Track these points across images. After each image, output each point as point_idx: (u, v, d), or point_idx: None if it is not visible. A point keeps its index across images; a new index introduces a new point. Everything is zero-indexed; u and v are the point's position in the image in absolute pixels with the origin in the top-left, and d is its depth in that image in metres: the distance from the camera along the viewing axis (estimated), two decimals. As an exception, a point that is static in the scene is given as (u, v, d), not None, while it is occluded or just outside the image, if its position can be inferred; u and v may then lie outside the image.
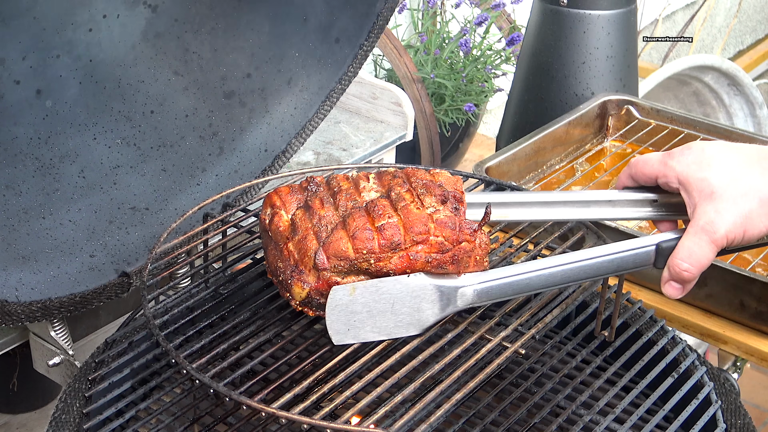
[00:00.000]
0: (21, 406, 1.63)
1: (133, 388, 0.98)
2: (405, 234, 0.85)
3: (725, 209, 0.82)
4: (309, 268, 0.86)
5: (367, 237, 0.84)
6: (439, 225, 0.86)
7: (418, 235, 0.85)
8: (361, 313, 0.85)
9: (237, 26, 1.26)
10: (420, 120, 1.89)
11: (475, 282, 0.87)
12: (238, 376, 0.85)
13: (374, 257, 0.85)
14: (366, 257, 0.85)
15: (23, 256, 1.08)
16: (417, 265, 0.85)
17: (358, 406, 0.79)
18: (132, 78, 1.22)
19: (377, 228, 0.85)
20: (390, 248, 0.85)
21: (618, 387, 0.96)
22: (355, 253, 0.84)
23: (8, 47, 1.06)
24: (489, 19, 2.07)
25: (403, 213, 0.86)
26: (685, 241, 0.84)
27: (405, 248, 0.85)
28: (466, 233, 0.86)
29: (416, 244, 0.85)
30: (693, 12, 3.27)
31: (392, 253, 0.85)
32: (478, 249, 0.87)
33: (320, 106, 1.31)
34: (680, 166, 0.86)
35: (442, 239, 0.85)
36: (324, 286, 0.86)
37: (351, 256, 0.85)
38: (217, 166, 1.28)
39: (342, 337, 0.86)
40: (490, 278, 0.87)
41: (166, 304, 0.98)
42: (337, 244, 0.85)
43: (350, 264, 0.85)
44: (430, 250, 0.85)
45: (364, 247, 0.84)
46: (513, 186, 1.16)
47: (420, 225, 0.85)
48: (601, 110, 1.62)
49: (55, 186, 1.15)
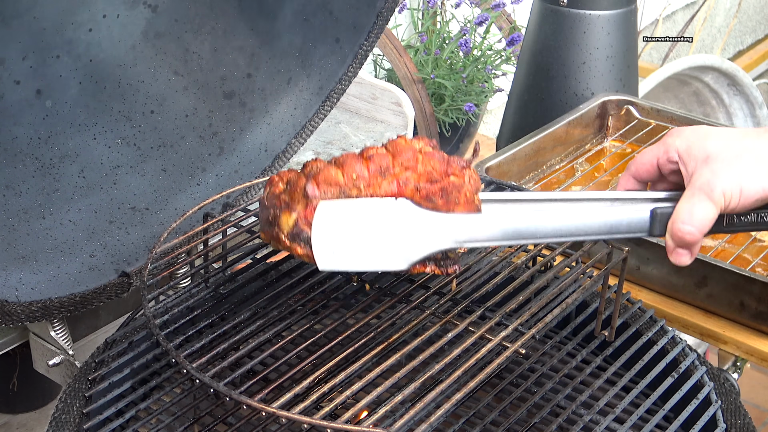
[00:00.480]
0: (21, 406, 1.63)
1: (133, 388, 0.98)
2: (393, 161, 0.85)
3: (720, 169, 0.82)
4: (298, 199, 0.86)
5: (356, 164, 0.85)
6: (427, 156, 0.86)
7: (407, 161, 0.85)
8: (347, 236, 0.84)
9: (237, 26, 1.26)
10: (420, 120, 1.89)
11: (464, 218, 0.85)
12: (238, 375, 0.85)
13: (364, 182, 0.85)
14: (356, 183, 0.85)
15: (23, 256, 1.08)
16: (406, 192, 0.85)
17: (358, 406, 0.79)
18: (132, 78, 1.22)
19: (366, 158, 0.86)
20: (379, 173, 0.85)
21: (618, 387, 0.96)
22: (344, 179, 0.84)
23: (8, 47, 1.06)
24: (489, 19, 2.07)
25: (391, 146, 0.87)
26: (683, 203, 0.83)
27: (394, 174, 0.85)
28: (455, 167, 0.86)
29: (405, 170, 0.85)
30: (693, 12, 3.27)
31: (382, 178, 0.85)
32: (468, 185, 0.87)
33: (320, 106, 1.31)
34: (679, 140, 0.87)
35: (431, 168, 0.86)
36: (312, 213, 0.85)
37: (341, 182, 0.84)
38: (217, 166, 1.28)
39: (327, 262, 0.84)
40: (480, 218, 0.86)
41: (166, 304, 0.99)
42: (327, 171, 0.85)
43: (340, 190, 0.85)
44: (419, 178, 0.85)
45: (353, 172, 0.85)
46: (513, 186, 1.16)
47: (408, 153, 0.86)
48: (601, 110, 1.62)
49: (55, 186, 1.15)
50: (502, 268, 1.08)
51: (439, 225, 0.85)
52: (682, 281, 1.23)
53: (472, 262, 1.03)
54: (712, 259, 1.21)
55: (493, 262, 1.05)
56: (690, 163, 0.85)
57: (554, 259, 1.05)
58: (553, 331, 1.09)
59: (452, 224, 0.85)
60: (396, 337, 0.91)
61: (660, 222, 0.85)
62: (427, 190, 0.85)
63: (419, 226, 0.84)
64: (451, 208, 0.86)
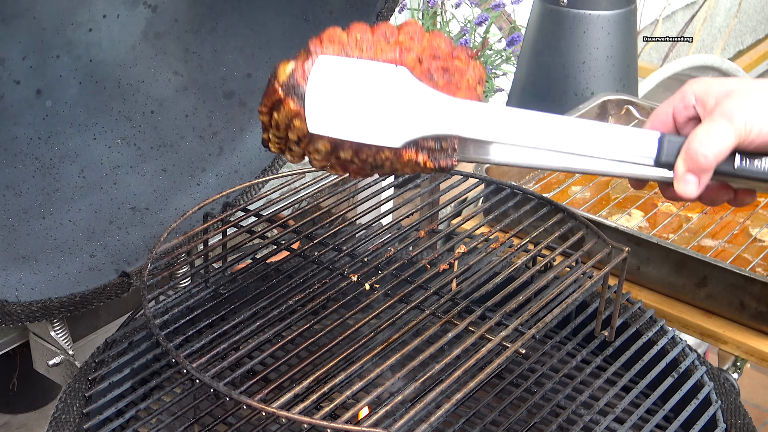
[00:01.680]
0: (21, 406, 1.63)
1: (133, 388, 0.98)
2: (399, 31, 0.84)
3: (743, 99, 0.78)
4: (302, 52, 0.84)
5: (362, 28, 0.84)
6: (434, 34, 0.85)
7: (413, 32, 0.84)
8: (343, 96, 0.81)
9: (237, 26, 1.26)
10: (420, 120, 1.89)
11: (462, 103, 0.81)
12: (238, 375, 0.85)
13: (367, 44, 0.83)
14: (359, 43, 0.83)
15: (23, 256, 1.08)
16: (407, 60, 0.83)
17: (358, 406, 0.79)
18: (132, 78, 1.23)
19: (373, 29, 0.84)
20: (383, 37, 0.84)
21: (618, 387, 0.96)
22: (347, 38, 0.83)
23: (8, 47, 1.06)
24: (489, 19, 2.07)
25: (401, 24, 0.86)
26: (702, 126, 0.78)
27: (398, 41, 0.84)
28: (461, 53, 0.85)
29: (410, 39, 0.84)
30: (693, 12, 3.27)
31: (385, 43, 0.84)
32: (473, 72, 0.84)
33: (320, 106, 1.31)
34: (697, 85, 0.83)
35: (436, 46, 0.84)
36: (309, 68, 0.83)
37: (343, 40, 0.83)
38: (217, 166, 1.28)
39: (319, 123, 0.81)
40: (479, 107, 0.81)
41: (166, 304, 0.99)
42: (332, 32, 0.84)
43: (341, 49, 0.83)
44: (422, 51, 0.84)
45: (358, 33, 0.83)
46: (513, 186, 1.16)
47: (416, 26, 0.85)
48: (601, 110, 1.62)
49: (55, 186, 1.15)
50: (502, 268, 1.08)
51: (437, 104, 0.80)
52: (682, 281, 1.22)
53: (472, 262, 1.03)
54: (712, 259, 1.20)
55: (493, 262, 1.05)
56: (709, 101, 0.81)
57: (554, 259, 1.05)
58: (553, 331, 1.09)
59: (451, 107, 0.81)
60: (396, 337, 0.91)
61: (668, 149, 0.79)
62: (429, 65, 0.83)
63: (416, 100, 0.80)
64: (452, 92, 0.83)
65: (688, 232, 1.37)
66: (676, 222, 1.41)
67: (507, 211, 1.13)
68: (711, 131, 0.77)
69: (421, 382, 0.83)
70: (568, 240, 1.05)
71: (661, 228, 1.37)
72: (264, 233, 1.07)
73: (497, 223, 1.12)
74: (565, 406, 0.95)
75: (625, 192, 1.48)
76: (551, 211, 1.11)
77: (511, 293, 0.97)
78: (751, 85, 0.80)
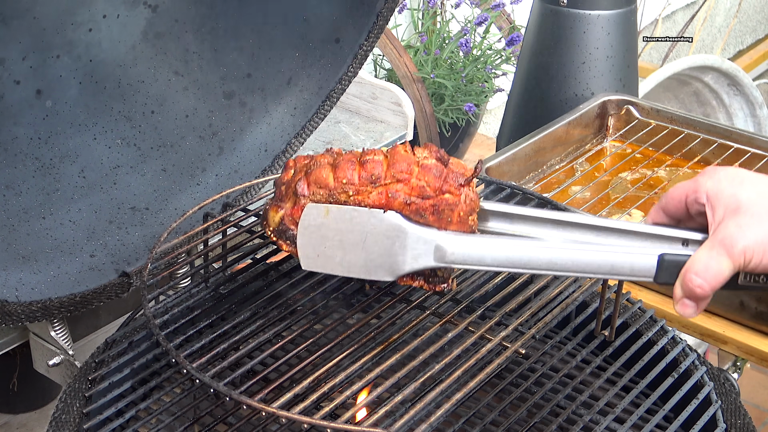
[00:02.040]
0: (21, 406, 1.63)
1: (133, 388, 0.98)
2: (386, 170, 0.83)
3: (747, 224, 0.76)
4: (289, 196, 0.86)
5: (349, 167, 0.83)
6: (423, 169, 0.84)
7: (400, 173, 0.83)
8: (333, 240, 0.82)
9: (237, 26, 1.26)
10: (420, 120, 1.89)
11: (454, 240, 0.82)
12: (238, 375, 0.85)
13: (353, 189, 0.83)
14: (345, 188, 0.83)
15: (23, 256, 1.08)
16: (395, 204, 0.83)
17: (358, 406, 0.79)
18: (132, 78, 1.22)
19: (360, 162, 0.84)
20: (369, 181, 0.83)
21: (618, 387, 0.96)
22: (334, 182, 0.83)
23: (8, 47, 1.06)
24: (489, 19, 2.07)
25: (390, 153, 0.85)
26: (700, 254, 0.77)
27: (385, 184, 0.83)
28: (451, 184, 0.84)
29: (396, 182, 0.83)
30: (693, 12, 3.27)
31: (371, 187, 0.83)
32: (463, 204, 0.84)
33: (320, 106, 1.31)
34: (711, 182, 0.80)
35: (424, 184, 0.83)
36: (298, 212, 0.84)
37: (330, 185, 0.84)
38: (217, 166, 1.28)
39: (311, 263, 0.84)
40: (471, 240, 0.82)
41: (166, 304, 0.99)
42: (319, 171, 0.84)
43: (329, 194, 0.84)
44: (410, 192, 0.83)
45: (344, 177, 0.83)
46: (513, 186, 1.16)
47: (403, 164, 0.84)
48: (601, 110, 1.62)
49: (55, 186, 1.15)
50: (502, 268, 1.08)
51: (426, 242, 0.82)
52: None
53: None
54: (712, 259, 1.20)
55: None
56: (718, 210, 0.79)
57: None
58: (553, 331, 1.09)
59: (441, 242, 0.82)
60: (396, 337, 0.91)
61: (667, 270, 0.79)
62: (418, 206, 0.83)
63: (405, 241, 0.82)
64: (443, 226, 0.83)
65: (688, 232, 1.37)
66: (676, 222, 1.41)
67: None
68: (709, 263, 0.77)
69: (421, 382, 0.83)
70: (568, 240, 1.05)
71: (661, 228, 1.37)
72: (264, 233, 1.07)
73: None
74: (565, 406, 0.95)
75: (625, 192, 1.48)
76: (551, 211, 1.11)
77: (511, 293, 0.97)
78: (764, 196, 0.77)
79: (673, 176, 1.54)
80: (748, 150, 1.54)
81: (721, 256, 0.76)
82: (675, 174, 1.55)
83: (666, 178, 1.54)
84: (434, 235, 0.82)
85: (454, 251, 0.82)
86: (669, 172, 1.56)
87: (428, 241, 0.82)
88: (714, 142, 1.56)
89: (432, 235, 0.82)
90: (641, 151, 1.61)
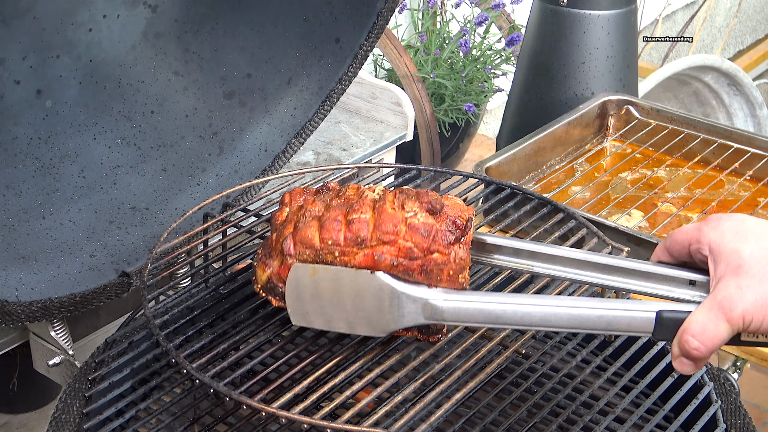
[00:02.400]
0: (21, 406, 1.63)
1: (133, 388, 0.98)
2: (372, 231, 0.82)
3: (748, 286, 0.73)
4: (276, 253, 0.85)
5: (335, 228, 0.82)
6: (410, 229, 0.82)
7: (385, 234, 0.81)
8: (321, 299, 0.82)
9: (237, 26, 1.26)
10: (420, 120, 1.89)
11: (444, 298, 0.80)
12: (238, 375, 0.85)
13: (339, 250, 0.82)
14: (331, 249, 0.82)
15: (23, 256, 1.08)
16: (381, 266, 0.81)
17: (358, 406, 0.79)
18: (132, 78, 1.22)
19: (347, 221, 0.83)
20: (355, 243, 0.82)
21: (618, 387, 0.96)
22: (320, 243, 0.82)
23: (8, 47, 1.06)
24: (489, 19, 2.07)
25: (378, 211, 0.83)
26: (698, 315, 0.75)
27: (371, 246, 0.82)
28: (440, 243, 0.82)
29: (383, 244, 0.81)
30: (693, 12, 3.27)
31: (357, 249, 0.82)
32: (452, 263, 0.82)
33: (320, 106, 1.31)
34: (714, 233, 0.78)
35: (412, 245, 0.81)
36: (285, 272, 0.84)
37: (316, 245, 0.83)
38: (217, 166, 1.28)
39: (301, 319, 0.83)
40: (462, 298, 0.80)
41: (166, 304, 0.98)
42: (305, 231, 0.83)
43: (315, 253, 0.83)
44: (397, 253, 0.82)
45: (330, 238, 0.82)
46: (513, 186, 1.16)
47: (389, 225, 0.82)
48: (601, 110, 1.62)
49: (55, 186, 1.15)
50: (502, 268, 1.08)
51: (415, 300, 0.81)
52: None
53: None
54: (712, 259, 1.20)
55: (493, 262, 1.05)
56: (720, 265, 0.76)
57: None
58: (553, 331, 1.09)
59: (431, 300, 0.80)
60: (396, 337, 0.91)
61: (666, 326, 0.77)
62: (405, 266, 0.82)
63: (394, 300, 0.81)
64: (433, 284, 0.82)
65: (688, 232, 1.37)
66: (675, 222, 1.41)
67: (507, 211, 1.13)
68: (706, 326, 0.74)
69: (421, 382, 0.83)
70: (568, 240, 1.05)
71: (661, 228, 1.37)
72: (264, 233, 1.07)
73: (497, 223, 1.13)
74: (565, 406, 0.95)
75: (625, 192, 1.48)
76: (551, 211, 1.11)
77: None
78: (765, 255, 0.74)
79: (672, 176, 1.54)
80: (748, 150, 1.54)
81: (719, 320, 0.74)
82: (675, 174, 1.55)
83: (666, 178, 1.54)
84: (424, 293, 0.81)
85: (444, 309, 0.80)
86: (669, 172, 1.56)
87: (417, 299, 0.81)
88: (714, 142, 1.56)
89: (421, 293, 0.81)
90: (641, 151, 1.61)
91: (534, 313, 0.79)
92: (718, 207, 1.45)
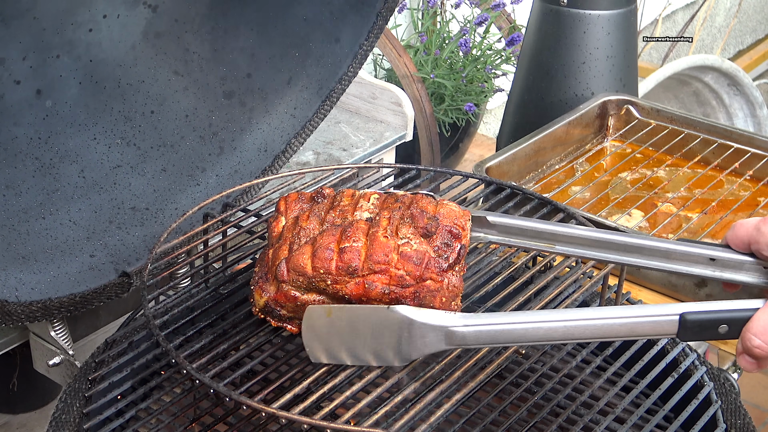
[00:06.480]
0: (21, 406, 1.63)
1: (133, 388, 0.98)
2: (364, 261, 0.82)
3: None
4: (273, 276, 0.85)
5: (327, 257, 0.82)
6: (402, 258, 0.82)
7: (377, 264, 0.81)
8: (339, 337, 0.82)
9: (237, 26, 1.26)
10: (420, 120, 1.89)
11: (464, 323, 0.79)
12: (238, 376, 0.85)
13: (331, 278, 0.82)
14: (323, 277, 0.82)
15: (23, 256, 1.08)
16: (373, 294, 0.82)
17: (358, 406, 0.79)
18: (132, 78, 1.22)
19: (339, 249, 0.82)
20: (346, 272, 0.82)
21: (618, 387, 0.96)
22: (312, 271, 0.82)
23: (8, 47, 1.06)
24: (489, 19, 2.07)
25: (370, 239, 0.83)
26: (762, 314, 0.75)
27: (362, 275, 0.82)
28: (433, 271, 0.82)
29: (374, 273, 0.82)
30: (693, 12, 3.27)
31: (349, 277, 0.82)
32: (445, 290, 0.82)
33: (320, 106, 1.31)
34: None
35: (403, 273, 0.81)
36: (282, 298, 0.85)
37: (308, 273, 0.83)
38: (217, 166, 1.28)
39: (320, 356, 0.84)
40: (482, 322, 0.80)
41: (166, 304, 0.98)
42: (298, 258, 0.83)
43: (308, 281, 0.83)
44: (389, 281, 0.82)
45: (322, 267, 0.82)
46: (513, 186, 1.16)
47: (380, 254, 0.81)
48: (601, 110, 1.62)
49: (55, 186, 1.15)
50: (502, 268, 1.08)
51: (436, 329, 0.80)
52: (682, 281, 1.22)
53: (472, 262, 1.03)
54: (712, 259, 1.20)
55: (493, 262, 1.05)
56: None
57: (554, 259, 1.05)
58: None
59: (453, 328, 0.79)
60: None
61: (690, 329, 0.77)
62: (397, 294, 0.82)
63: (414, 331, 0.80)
64: None
65: (688, 231, 1.37)
66: (675, 222, 1.41)
67: (507, 211, 1.13)
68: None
69: (421, 382, 0.83)
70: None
71: (660, 228, 1.37)
72: (264, 233, 1.07)
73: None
74: (565, 406, 0.95)
75: (625, 192, 1.48)
76: (551, 211, 1.11)
77: (511, 293, 0.97)
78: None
79: (672, 176, 1.54)
80: (748, 150, 1.54)
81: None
82: (675, 174, 1.55)
83: (666, 178, 1.54)
84: (443, 321, 0.80)
85: (466, 334, 0.80)
86: (669, 172, 1.56)
87: (438, 328, 0.80)
88: (714, 142, 1.56)
89: (441, 321, 0.80)
90: (641, 151, 1.61)
91: (557, 328, 0.78)
92: (718, 207, 1.45)
